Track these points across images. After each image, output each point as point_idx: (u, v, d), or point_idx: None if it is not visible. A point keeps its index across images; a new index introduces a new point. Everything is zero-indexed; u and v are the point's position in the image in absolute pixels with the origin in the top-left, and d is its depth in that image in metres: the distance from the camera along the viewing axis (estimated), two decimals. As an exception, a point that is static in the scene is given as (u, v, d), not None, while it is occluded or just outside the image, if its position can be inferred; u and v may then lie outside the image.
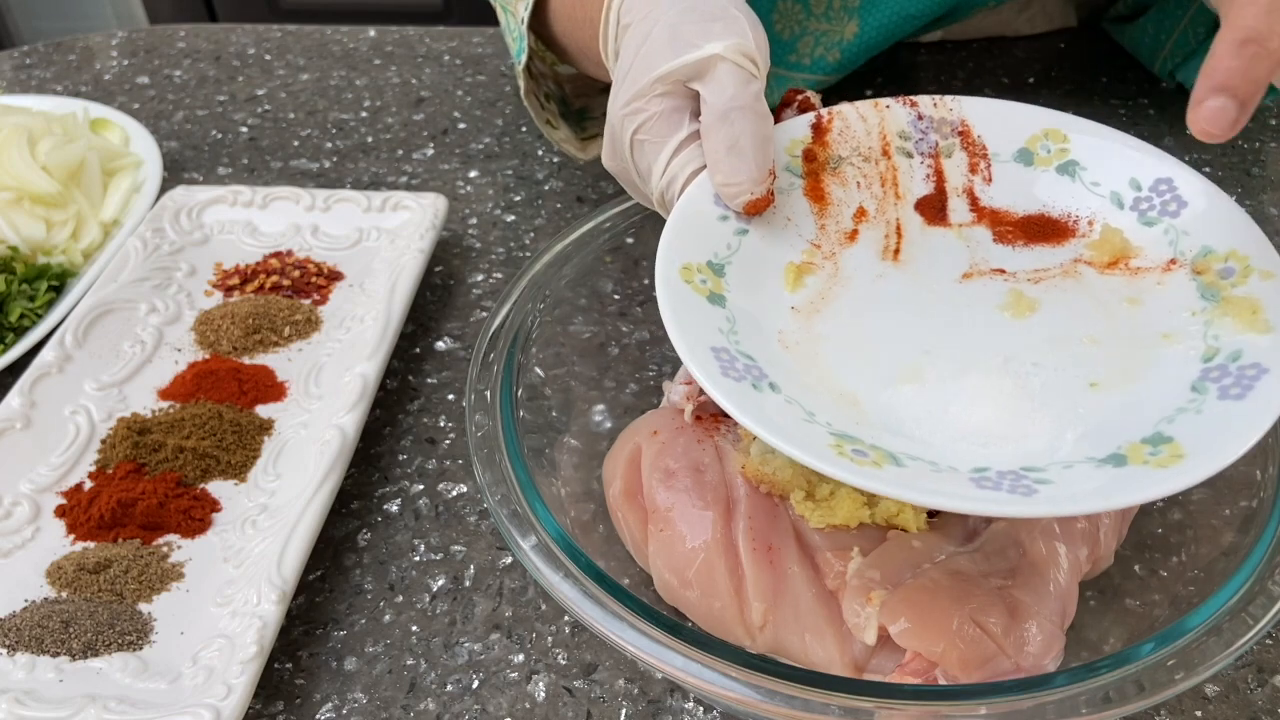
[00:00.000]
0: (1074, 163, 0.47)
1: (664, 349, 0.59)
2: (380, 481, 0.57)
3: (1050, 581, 0.42)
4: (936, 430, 0.38)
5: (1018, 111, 0.49)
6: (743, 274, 0.43)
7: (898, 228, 0.46)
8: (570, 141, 0.71)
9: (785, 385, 0.39)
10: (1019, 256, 0.45)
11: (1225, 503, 0.45)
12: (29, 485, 0.55)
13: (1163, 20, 0.83)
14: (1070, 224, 0.46)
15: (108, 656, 0.46)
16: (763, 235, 0.44)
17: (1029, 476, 0.35)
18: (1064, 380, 0.39)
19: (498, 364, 0.48)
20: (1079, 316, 0.42)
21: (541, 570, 0.40)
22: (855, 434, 0.37)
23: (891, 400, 0.39)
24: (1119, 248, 0.44)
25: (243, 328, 0.64)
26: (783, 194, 0.46)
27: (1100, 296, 0.43)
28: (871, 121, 0.49)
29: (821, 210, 0.46)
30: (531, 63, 0.66)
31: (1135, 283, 0.43)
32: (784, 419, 0.37)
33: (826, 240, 0.45)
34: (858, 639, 0.41)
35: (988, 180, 0.48)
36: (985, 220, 0.47)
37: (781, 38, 0.81)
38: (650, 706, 0.46)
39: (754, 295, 0.42)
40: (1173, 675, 0.35)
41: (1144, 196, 0.45)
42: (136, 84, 0.96)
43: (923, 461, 0.36)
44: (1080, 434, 0.37)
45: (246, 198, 0.72)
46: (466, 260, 0.73)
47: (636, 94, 0.44)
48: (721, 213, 0.44)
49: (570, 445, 0.51)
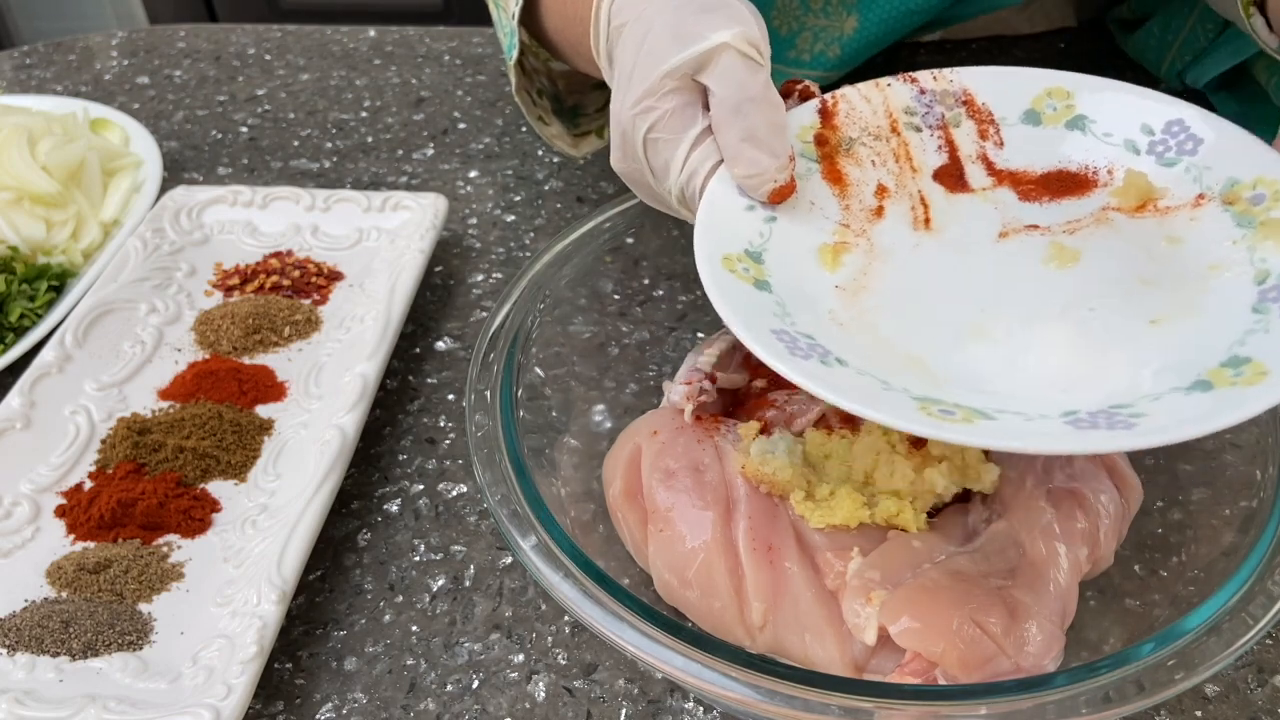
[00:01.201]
0: (1082, 117, 0.48)
1: (664, 349, 0.59)
2: (380, 481, 0.57)
3: (1050, 581, 0.42)
4: (1014, 382, 0.38)
5: (1018, 75, 0.49)
6: (781, 259, 0.43)
7: (922, 199, 0.46)
8: (563, 138, 0.71)
9: (851, 359, 0.39)
10: (1048, 211, 0.45)
11: (1225, 503, 0.45)
12: (29, 485, 0.55)
13: (1169, 22, 0.82)
14: (1090, 175, 0.47)
15: (108, 656, 0.46)
16: (791, 220, 0.44)
17: (1121, 413, 0.35)
18: (1125, 321, 0.40)
19: (498, 364, 0.48)
20: (1123, 260, 0.42)
21: (541, 570, 0.40)
22: (936, 395, 0.37)
23: (961, 360, 0.39)
24: (1144, 190, 0.45)
25: (243, 328, 0.64)
26: (802, 179, 0.46)
27: (1138, 239, 0.43)
28: (876, 101, 0.49)
29: (843, 191, 0.46)
30: (524, 58, 0.66)
31: (1168, 222, 0.44)
32: (863, 389, 0.37)
33: (854, 219, 0.45)
34: (858, 639, 0.41)
35: (999, 144, 0.48)
36: (1006, 182, 0.47)
37: (780, 34, 0.81)
38: (650, 706, 0.46)
39: (797, 278, 0.42)
40: (1173, 675, 0.35)
41: (1158, 140, 0.46)
42: (136, 84, 0.96)
43: (1010, 413, 0.36)
44: (1157, 369, 0.37)
45: (246, 198, 0.72)
46: (466, 260, 0.73)
47: (646, 92, 0.44)
48: (747, 203, 0.44)
49: (570, 445, 0.51)
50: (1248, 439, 0.46)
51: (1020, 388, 0.38)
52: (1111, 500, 0.46)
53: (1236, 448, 0.47)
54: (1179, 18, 0.81)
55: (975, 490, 0.46)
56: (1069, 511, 0.44)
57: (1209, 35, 0.79)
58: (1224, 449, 0.47)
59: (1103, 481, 0.46)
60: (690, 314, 0.61)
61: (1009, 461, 0.46)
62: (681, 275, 0.60)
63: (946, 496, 0.45)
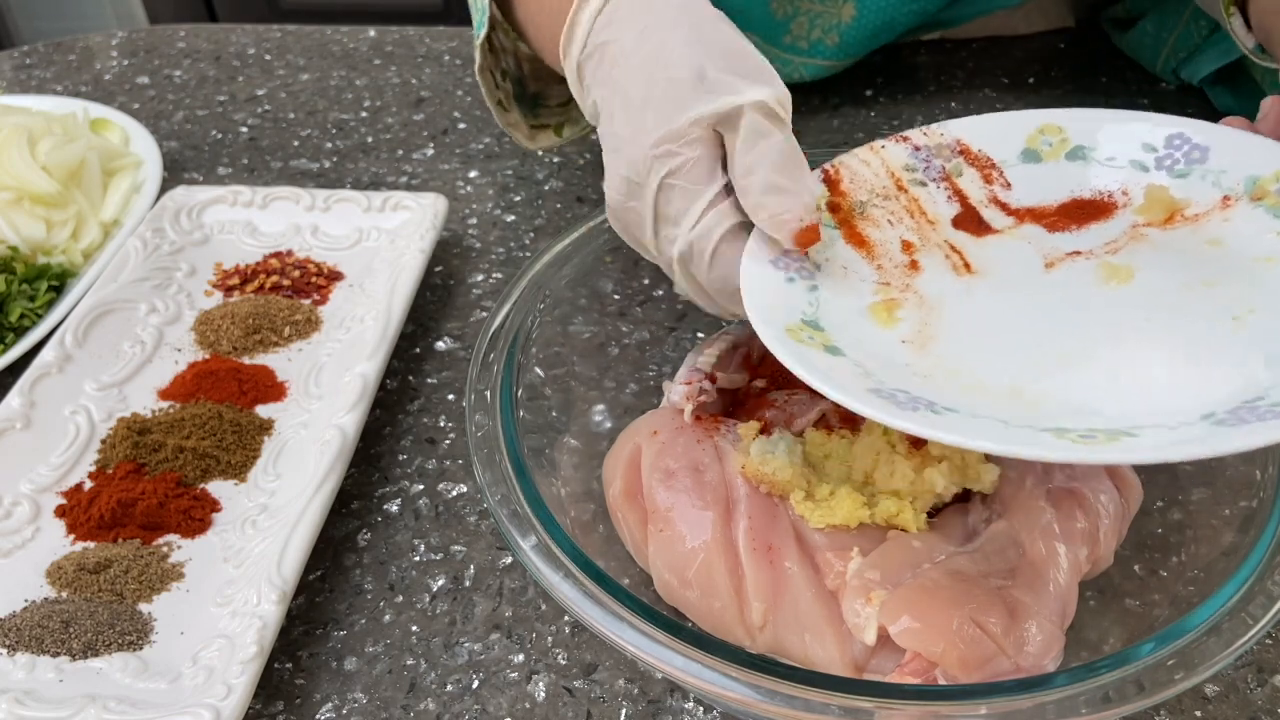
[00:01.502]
0: (1080, 147, 0.48)
1: (664, 349, 0.59)
2: (380, 481, 0.57)
3: (1050, 581, 0.42)
4: (1124, 402, 0.37)
5: (1006, 119, 0.49)
6: (838, 325, 0.42)
7: (952, 247, 0.46)
8: (519, 127, 0.69)
9: (958, 406, 0.38)
10: (1081, 238, 0.46)
11: (1225, 503, 0.45)
12: (29, 485, 0.55)
13: (1163, 20, 0.83)
14: (1107, 199, 0.47)
15: (108, 656, 0.46)
16: (832, 288, 0.44)
17: (1260, 404, 0.35)
18: (1208, 324, 0.40)
19: (498, 364, 0.48)
20: (1176, 268, 0.42)
21: (541, 570, 0.40)
22: (1064, 425, 0.36)
23: (1058, 389, 0.38)
24: (1169, 203, 0.45)
25: (243, 328, 0.64)
26: (828, 246, 0.45)
27: (1180, 247, 0.44)
28: (875, 164, 0.49)
29: (870, 253, 0.46)
30: (493, 35, 0.64)
31: (1202, 228, 0.44)
32: (995, 430, 0.36)
33: (891, 276, 0.45)
34: (858, 639, 0.41)
35: (1006, 185, 0.48)
36: (1027, 218, 0.47)
37: (775, 16, 0.81)
38: (650, 706, 0.46)
39: (860, 340, 0.42)
40: (1173, 675, 0.35)
41: (1164, 155, 0.46)
42: (136, 84, 0.96)
43: (1148, 428, 0.35)
44: (1265, 359, 0.37)
45: (246, 198, 0.72)
46: (466, 260, 0.73)
47: (670, 135, 0.43)
48: (786, 275, 0.43)
49: (570, 445, 0.51)
50: (1247, 439, 0.46)
51: (1133, 404, 0.37)
52: (1111, 500, 0.46)
53: (1236, 448, 0.47)
54: (1173, 16, 0.81)
55: (975, 490, 0.46)
56: (1069, 511, 0.44)
57: (1203, 32, 0.79)
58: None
59: (1103, 481, 0.46)
60: (690, 314, 0.61)
61: (1009, 461, 0.47)
62: (681, 275, 0.60)
63: (946, 496, 0.45)
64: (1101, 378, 0.38)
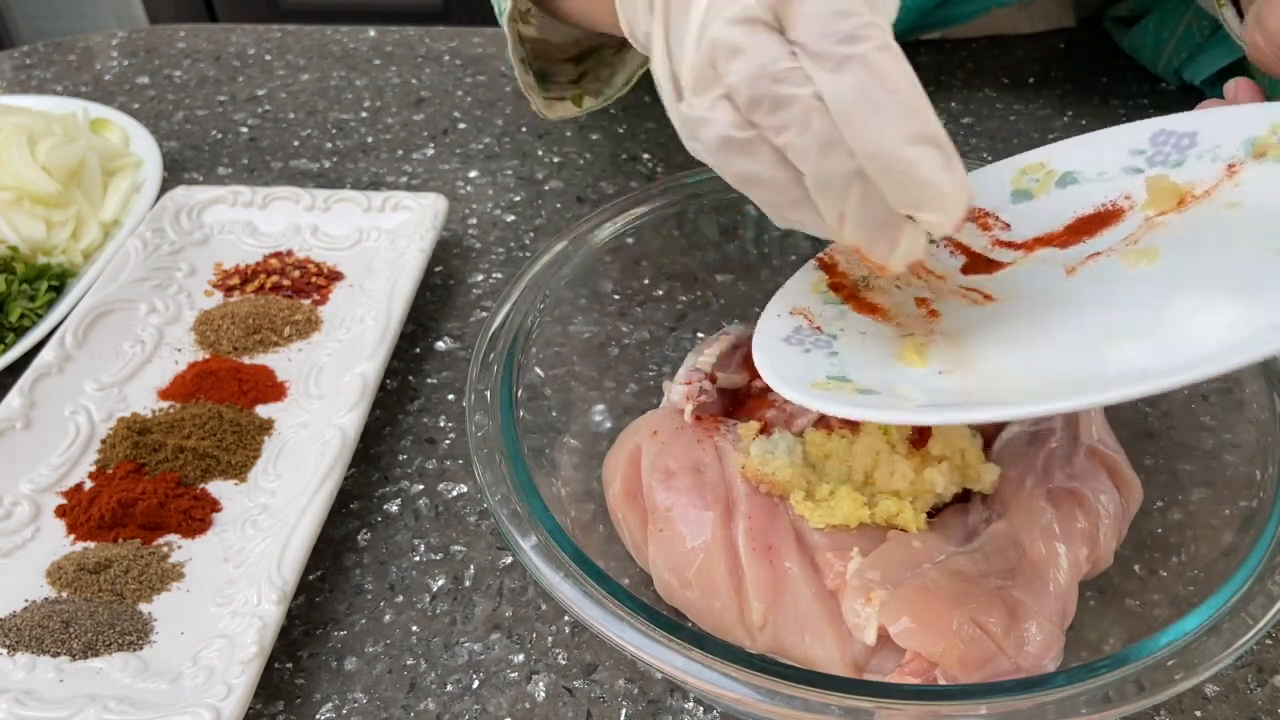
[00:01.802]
0: (1069, 173, 0.47)
1: (664, 349, 0.59)
2: (380, 481, 0.57)
3: (1050, 581, 0.42)
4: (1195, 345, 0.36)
5: (984, 174, 0.49)
6: (866, 373, 0.41)
7: (966, 289, 0.45)
8: (534, 89, 0.66)
9: (1018, 400, 0.37)
10: (1097, 242, 0.45)
11: (1225, 503, 0.45)
12: (29, 485, 0.55)
13: (1164, 19, 0.83)
14: (1111, 208, 0.46)
15: (108, 656, 0.46)
16: (853, 349, 0.43)
17: None
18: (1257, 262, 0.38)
19: (498, 364, 0.48)
20: (1205, 236, 0.41)
21: (541, 570, 0.40)
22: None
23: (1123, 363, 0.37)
24: (1174, 191, 0.44)
25: (243, 328, 0.64)
26: (837, 320, 0.45)
27: (1199, 219, 0.42)
28: None
29: (884, 315, 0.45)
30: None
31: (1216, 197, 0.43)
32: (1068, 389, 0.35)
33: (913, 327, 0.44)
34: (858, 639, 0.41)
35: (1006, 227, 0.47)
36: (1036, 246, 0.46)
37: None
38: (650, 706, 0.46)
39: (892, 381, 0.41)
40: (1173, 675, 0.35)
41: (1154, 153, 0.45)
42: (136, 84, 0.96)
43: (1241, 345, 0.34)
44: None
45: (246, 198, 0.72)
46: (466, 260, 0.73)
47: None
48: (802, 349, 0.43)
49: (570, 445, 0.51)
50: (1247, 439, 0.46)
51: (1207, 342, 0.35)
52: (1111, 500, 0.46)
53: (1236, 448, 0.47)
54: (1174, 15, 0.81)
55: (975, 490, 0.46)
56: (1069, 511, 0.44)
57: (1204, 32, 0.79)
58: (1224, 449, 0.47)
59: (1103, 481, 0.46)
60: (690, 314, 0.61)
61: (1009, 461, 0.47)
62: (681, 275, 0.60)
63: (946, 496, 0.46)
64: (1162, 342, 0.37)
